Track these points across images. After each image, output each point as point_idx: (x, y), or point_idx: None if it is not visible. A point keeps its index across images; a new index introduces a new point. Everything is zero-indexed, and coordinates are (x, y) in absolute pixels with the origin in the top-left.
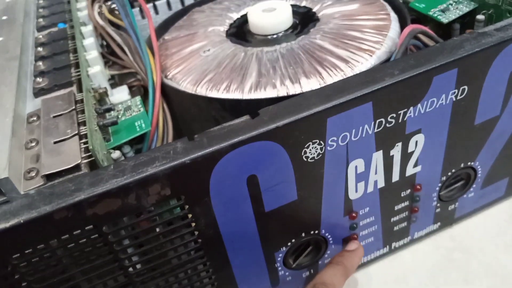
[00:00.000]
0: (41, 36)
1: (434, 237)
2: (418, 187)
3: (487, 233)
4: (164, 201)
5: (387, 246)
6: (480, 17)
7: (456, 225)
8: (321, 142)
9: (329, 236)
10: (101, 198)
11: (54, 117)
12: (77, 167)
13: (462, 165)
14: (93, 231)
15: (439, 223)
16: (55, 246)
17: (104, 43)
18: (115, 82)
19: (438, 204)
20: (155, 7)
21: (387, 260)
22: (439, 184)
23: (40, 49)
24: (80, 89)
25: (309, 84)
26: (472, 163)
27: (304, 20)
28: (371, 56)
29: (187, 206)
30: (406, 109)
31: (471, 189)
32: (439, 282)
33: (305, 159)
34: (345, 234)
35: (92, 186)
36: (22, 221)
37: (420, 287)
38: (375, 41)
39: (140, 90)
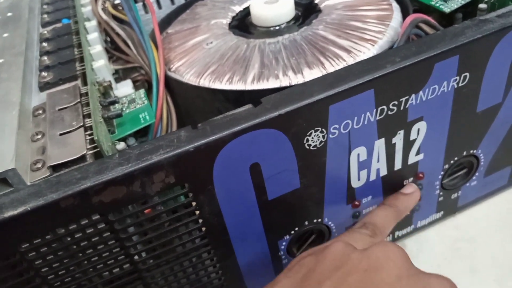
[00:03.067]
0: (45, 32)
1: (439, 226)
2: (420, 175)
3: (491, 222)
4: (168, 189)
5: (391, 235)
6: (482, 5)
7: (460, 214)
8: (323, 130)
9: (332, 225)
10: (107, 185)
11: (60, 110)
12: (82, 158)
13: (464, 153)
14: (99, 219)
15: (442, 212)
16: (62, 234)
17: (108, 39)
18: (119, 76)
19: (441, 193)
20: (158, 1)
21: None
22: (442, 173)
23: (45, 44)
24: (84, 83)
25: (312, 74)
26: (475, 151)
27: (307, 11)
28: (373, 46)
29: (191, 194)
30: (408, 97)
31: (474, 177)
32: (445, 272)
33: (308, 147)
34: (348, 222)
35: (97, 174)
36: (29, 209)
37: None
38: (377, 31)
39: (144, 85)
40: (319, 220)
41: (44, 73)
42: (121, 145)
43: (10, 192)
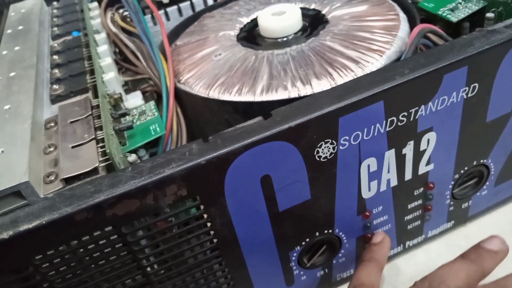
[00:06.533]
0: (56, 45)
1: (448, 235)
2: (431, 185)
3: (501, 231)
4: (180, 202)
5: (401, 245)
6: (489, 15)
7: (470, 223)
8: (334, 141)
9: (343, 235)
10: (120, 199)
11: (71, 122)
12: (95, 171)
13: (474, 163)
14: (112, 231)
15: (453, 222)
16: (76, 247)
17: (117, 50)
18: (128, 88)
19: (452, 202)
20: (166, 13)
21: (402, 259)
22: (452, 182)
23: (55, 57)
24: (95, 95)
25: (320, 85)
26: (485, 161)
27: (314, 22)
28: (381, 56)
29: (202, 206)
30: (417, 108)
31: (485, 186)
32: None
33: (318, 159)
34: (359, 233)
35: (111, 188)
36: (44, 222)
37: None
38: (384, 41)
39: (153, 96)
40: (330, 231)
41: (55, 86)
42: (132, 157)
43: (23, 205)
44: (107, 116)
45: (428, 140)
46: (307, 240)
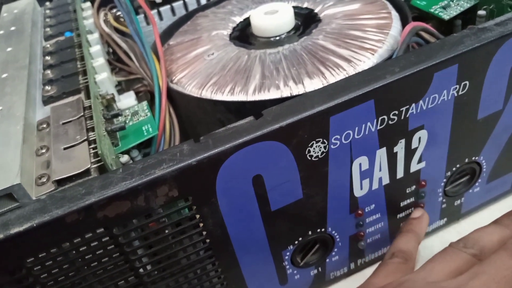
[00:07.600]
0: (48, 45)
1: (442, 233)
2: (423, 183)
3: None
4: (172, 203)
5: None
6: (481, 12)
7: (463, 220)
8: (325, 140)
9: (335, 234)
10: (111, 200)
11: (63, 124)
12: (87, 172)
13: (466, 160)
14: (104, 233)
15: (445, 219)
16: (68, 249)
17: (111, 50)
18: (121, 88)
19: (444, 200)
20: (159, 13)
21: None
22: (444, 180)
23: (48, 57)
24: (88, 96)
25: (312, 84)
26: (477, 158)
27: (306, 21)
28: (373, 54)
29: (194, 207)
30: (408, 106)
31: (477, 184)
32: None
33: (309, 158)
34: (351, 231)
35: (102, 189)
36: (35, 225)
37: None
38: (377, 40)
39: (147, 96)
40: (323, 229)
41: (47, 87)
42: (124, 158)
43: (15, 208)
44: (99, 117)
45: (420, 138)
46: (300, 239)
